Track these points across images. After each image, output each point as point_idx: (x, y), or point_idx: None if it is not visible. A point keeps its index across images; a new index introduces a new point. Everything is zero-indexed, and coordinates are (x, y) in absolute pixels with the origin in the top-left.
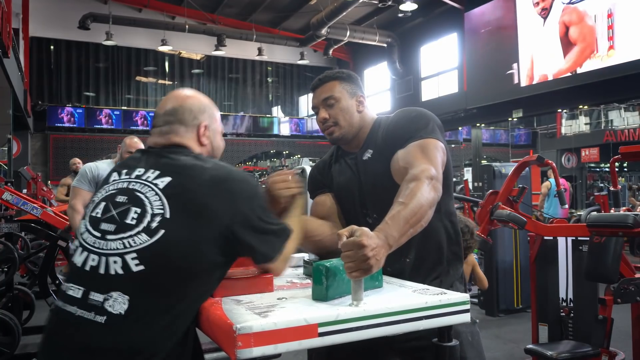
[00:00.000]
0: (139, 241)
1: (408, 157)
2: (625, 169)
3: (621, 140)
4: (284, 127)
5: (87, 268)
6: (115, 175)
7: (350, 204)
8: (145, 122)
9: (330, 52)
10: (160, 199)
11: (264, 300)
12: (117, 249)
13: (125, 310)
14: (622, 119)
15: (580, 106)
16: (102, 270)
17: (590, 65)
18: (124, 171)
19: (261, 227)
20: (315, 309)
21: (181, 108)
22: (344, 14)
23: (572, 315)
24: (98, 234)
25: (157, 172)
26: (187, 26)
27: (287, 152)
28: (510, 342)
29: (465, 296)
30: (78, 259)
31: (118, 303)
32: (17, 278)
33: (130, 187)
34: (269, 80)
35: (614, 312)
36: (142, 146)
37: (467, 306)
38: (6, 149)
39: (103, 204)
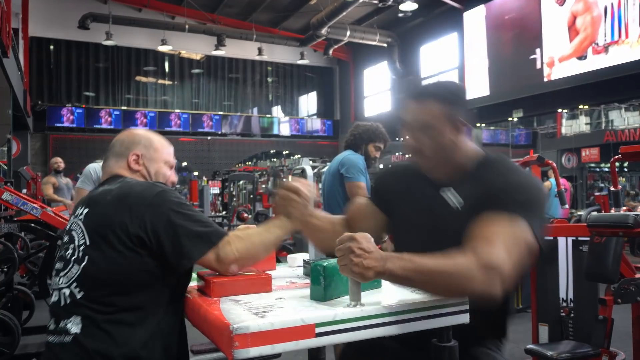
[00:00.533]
0: (74, 272)
1: (485, 229)
2: (626, 169)
3: (621, 140)
4: (284, 127)
5: (52, 303)
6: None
7: (411, 238)
8: (145, 122)
9: (330, 52)
10: (82, 230)
11: (262, 300)
12: (65, 283)
13: (80, 329)
14: (623, 119)
15: (580, 106)
16: (61, 303)
17: (591, 63)
18: (75, 212)
19: (174, 231)
20: (312, 309)
21: (117, 142)
22: (344, 14)
23: (572, 315)
24: (55, 274)
25: (83, 207)
26: (187, 26)
27: (287, 152)
28: (510, 342)
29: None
30: (53, 299)
31: (75, 324)
32: (17, 278)
33: (70, 227)
34: (269, 80)
35: (614, 312)
36: None
37: (466, 306)
38: (6, 149)
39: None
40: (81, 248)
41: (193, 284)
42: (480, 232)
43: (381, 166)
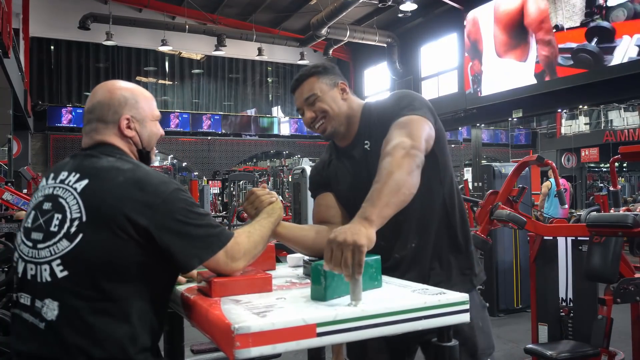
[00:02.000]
0: (62, 247)
1: (387, 137)
2: (625, 169)
3: (621, 140)
4: (284, 127)
5: (29, 277)
6: (44, 181)
7: (360, 200)
8: None
9: (330, 52)
10: (78, 203)
11: (262, 300)
12: (45, 257)
13: (56, 316)
14: (622, 119)
15: (580, 106)
16: (38, 279)
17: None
18: (51, 176)
19: (183, 230)
20: (313, 309)
21: (99, 105)
22: (344, 14)
23: (572, 315)
24: (30, 244)
25: (77, 175)
26: (187, 26)
27: (287, 152)
28: (510, 342)
29: (465, 296)
30: (19, 268)
31: (50, 310)
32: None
33: (54, 192)
34: (269, 80)
35: (613, 312)
36: None
37: (467, 306)
38: (6, 149)
39: (33, 212)
40: (75, 223)
41: (193, 284)
42: (386, 141)
43: None
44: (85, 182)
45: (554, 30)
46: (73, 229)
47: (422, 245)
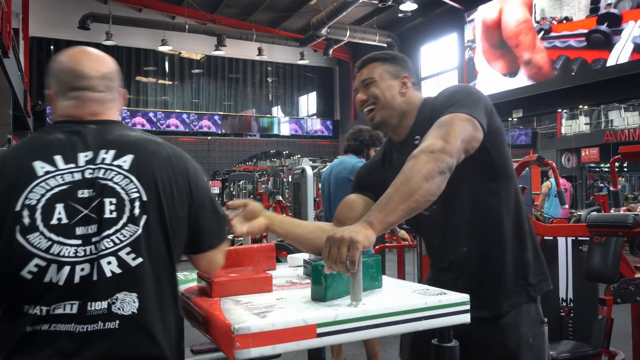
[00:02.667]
0: (128, 233)
1: (425, 135)
2: (625, 169)
3: (621, 140)
4: (284, 127)
5: (77, 281)
6: (46, 167)
7: None
8: (145, 122)
9: (330, 52)
10: (132, 181)
11: (262, 300)
12: (108, 248)
13: (138, 308)
14: (622, 119)
15: (580, 106)
16: (95, 277)
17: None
18: (58, 158)
19: (215, 208)
20: (314, 310)
21: (113, 73)
22: (344, 14)
23: (572, 315)
24: (78, 241)
25: (113, 152)
26: (187, 26)
27: (287, 152)
28: None
29: (465, 296)
30: (56, 277)
31: (127, 303)
32: None
33: (89, 176)
34: (269, 80)
35: (614, 312)
36: None
37: (467, 306)
38: (6, 148)
39: (60, 206)
40: (136, 203)
41: (193, 284)
42: (424, 137)
43: None
44: (129, 157)
45: (564, 22)
46: (137, 211)
47: (473, 251)
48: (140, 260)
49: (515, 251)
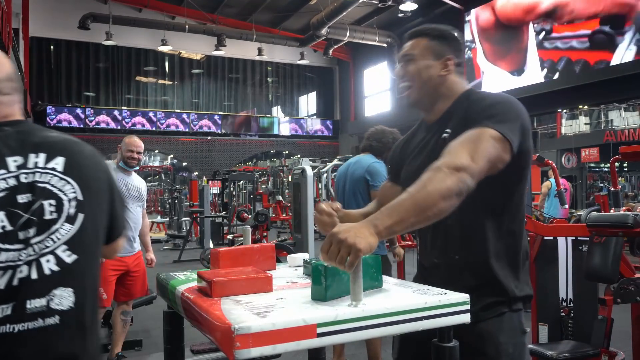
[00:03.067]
0: (64, 231)
1: (453, 142)
2: (625, 169)
3: (621, 140)
4: (284, 127)
5: (15, 283)
6: None
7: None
8: (145, 122)
9: (330, 52)
10: (68, 182)
11: (263, 300)
12: (47, 247)
13: (74, 302)
14: (622, 119)
15: (580, 106)
16: (35, 276)
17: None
18: None
19: (120, 197)
20: (314, 310)
21: (15, 73)
22: (344, 14)
23: (572, 315)
24: (20, 246)
25: (44, 155)
26: (187, 26)
27: (287, 152)
28: None
29: (465, 296)
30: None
31: (64, 298)
32: None
33: (25, 180)
34: (269, 80)
35: (614, 312)
36: (142, 145)
37: (467, 306)
38: None
39: (1, 213)
40: (73, 203)
41: (193, 284)
42: (447, 148)
43: None
44: (61, 159)
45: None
46: (72, 210)
47: (459, 259)
48: (75, 256)
49: (504, 268)
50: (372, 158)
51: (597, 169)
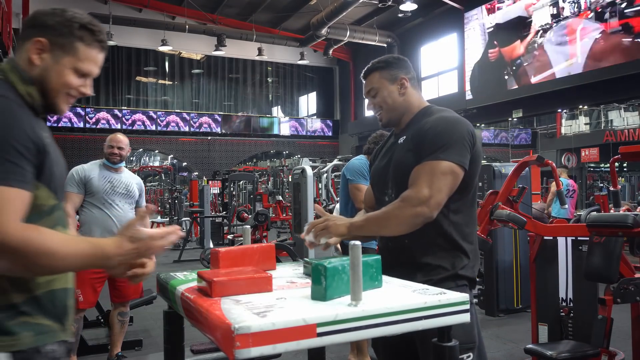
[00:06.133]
0: None
1: (414, 176)
2: (625, 169)
3: (621, 140)
4: (284, 127)
5: None
6: None
7: (382, 183)
8: (146, 119)
9: (330, 52)
10: None
11: (263, 300)
12: None
13: None
14: (622, 119)
15: (580, 106)
16: None
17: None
18: None
19: None
20: (314, 309)
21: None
22: (344, 14)
23: (572, 315)
24: None
25: None
26: (187, 26)
27: (287, 152)
28: (510, 342)
29: (465, 296)
30: None
31: None
32: None
33: None
34: (269, 80)
35: (613, 312)
36: (126, 142)
37: (467, 306)
38: None
39: None
40: None
41: (193, 284)
42: (410, 180)
43: None
44: None
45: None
46: None
47: (407, 241)
48: None
49: (448, 250)
50: (363, 159)
51: (597, 169)
